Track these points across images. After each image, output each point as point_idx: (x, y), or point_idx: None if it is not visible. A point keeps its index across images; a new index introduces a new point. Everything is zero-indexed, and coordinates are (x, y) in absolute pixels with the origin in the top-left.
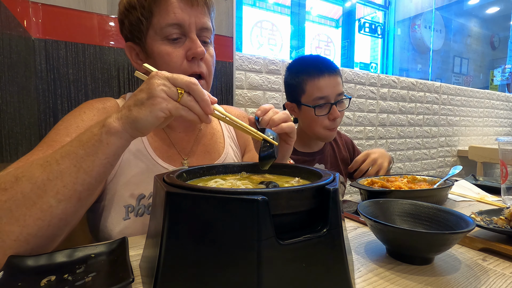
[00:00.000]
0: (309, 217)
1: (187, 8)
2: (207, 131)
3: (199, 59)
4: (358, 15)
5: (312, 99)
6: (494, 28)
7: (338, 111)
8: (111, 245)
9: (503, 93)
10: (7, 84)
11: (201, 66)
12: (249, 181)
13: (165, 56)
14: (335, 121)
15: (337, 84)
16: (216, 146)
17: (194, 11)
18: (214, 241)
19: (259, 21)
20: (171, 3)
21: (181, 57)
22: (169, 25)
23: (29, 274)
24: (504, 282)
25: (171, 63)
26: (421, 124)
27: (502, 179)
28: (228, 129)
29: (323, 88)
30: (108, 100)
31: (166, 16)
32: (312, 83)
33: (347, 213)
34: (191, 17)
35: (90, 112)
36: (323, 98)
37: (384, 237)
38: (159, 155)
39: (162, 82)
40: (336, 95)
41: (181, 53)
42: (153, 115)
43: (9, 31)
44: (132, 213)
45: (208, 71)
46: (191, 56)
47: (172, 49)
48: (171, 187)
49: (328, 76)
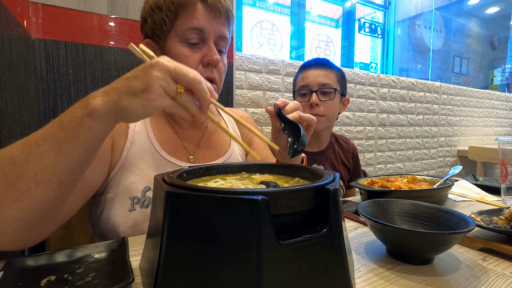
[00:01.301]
0: (309, 217)
1: (210, 17)
2: (213, 128)
3: (213, 66)
4: (358, 15)
5: (298, 88)
6: (494, 28)
7: (317, 98)
8: (111, 245)
9: (503, 93)
10: (7, 84)
11: (214, 73)
12: (249, 181)
13: (182, 58)
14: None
15: (322, 76)
16: (222, 143)
17: (216, 20)
18: (214, 241)
19: (259, 21)
20: (197, 10)
21: (197, 61)
22: (190, 29)
23: (29, 274)
24: (504, 282)
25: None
26: (421, 124)
27: (502, 179)
28: (233, 128)
29: (306, 78)
30: None
31: (190, 21)
32: (301, 75)
33: (347, 213)
34: (212, 25)
35: None
36: (305, 87)
37: (384, 237)
38: (165, 149)
39: (162, 76)
40: (318, 84)
41: (198, 57)
42: (144, 110)
43: (9, 31)
44: (137, 204)
45: (219, 78)
46: (207, 62)
47: (189, 52)
48: (171, 187)
49: (315, 69)
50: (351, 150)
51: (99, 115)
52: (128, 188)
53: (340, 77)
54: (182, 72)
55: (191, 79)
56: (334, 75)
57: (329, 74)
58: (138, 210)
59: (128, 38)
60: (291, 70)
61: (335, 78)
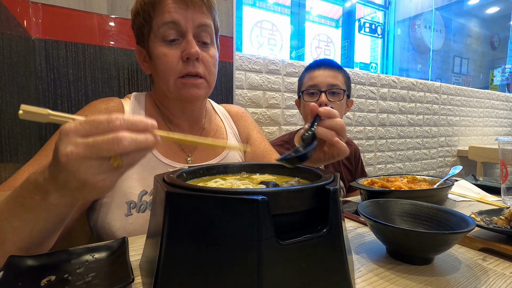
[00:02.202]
0: (309, 217)
1: (182, 8)
2: (210, 127)
3: (195, 60)
4: (358, 15)
5: (305, 87)
6: (494, 28)
7: (326, 98)
8: (111, 245)
9: (503, 93)
10: (7, 84)
11: (197, 67)
12: (249, 181)
13: (162, 57)
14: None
15: (331, 76)
16: None
17: (190, 11)
18: (214, 241)
19: (259, 21)
20: (166, 4)
21: (176, 58)
22: (164, 24)
23: (29, 274)
24: (504, 282)
25: (167, 64)
26: (421, 124)
27: (502, 179)
28: (230, 125)
29: (314, 77)
30: (112, 100)
31: (162, 16)
32: (308, 74)
33: (347, 213)
34: (187, 16)
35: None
36: (314, 86)
37: (384, 237)
38: (162, 152)
39: (86, 164)
40: (327, 85)
41: (177, 54)
42: (101, 193)
43: (9, 31)
44: (134, 209)
45: (207, 71)
46: (185, 56)
47: (168, 50)
48: (171, 187)
49: (324, 69)
50: (353, 151)
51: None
52: (125, 193)
53: (346, 78)
54: (97, 142)
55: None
56: (342, 77)
57: (337, 75)
58: (135, 215)
59: (128, 38)
60: (291, 70)
61: (343, 80)
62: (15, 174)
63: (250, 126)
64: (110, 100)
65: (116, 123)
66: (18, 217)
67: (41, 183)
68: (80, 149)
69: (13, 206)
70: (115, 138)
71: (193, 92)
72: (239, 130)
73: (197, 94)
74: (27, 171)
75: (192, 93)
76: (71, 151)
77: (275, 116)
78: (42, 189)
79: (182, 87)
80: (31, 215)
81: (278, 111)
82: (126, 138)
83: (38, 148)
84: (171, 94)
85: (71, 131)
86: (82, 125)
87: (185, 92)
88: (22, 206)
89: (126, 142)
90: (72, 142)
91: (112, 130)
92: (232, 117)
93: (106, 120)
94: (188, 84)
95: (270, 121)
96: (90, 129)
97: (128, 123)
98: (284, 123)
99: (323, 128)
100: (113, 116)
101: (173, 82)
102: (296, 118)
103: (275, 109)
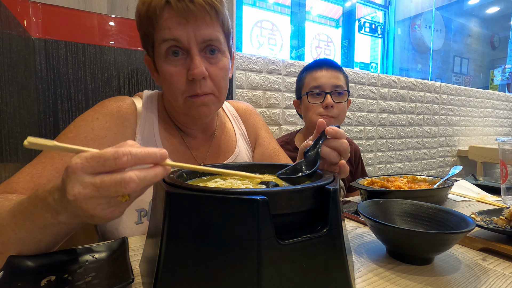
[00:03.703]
0: (309, 217)
1: (182, 23)
2: (220, 131)
3: (202, 79)
4: (358, 15)
5: (308, 88)
6: (494, 28)
7: (332, 100)
8: (111, 245)
9: (503, 93)
10: (7, 84)
11: (204, 86)
12: (249, 181)
13: (168, 77)
14: (328, 109)
15: (334, 77)
16: (229, 145)
17: (191, 24)
18: (214, 241)
19: (259, 21)
20: (165, 19)
21: (182, 77)
22: (164, 41)
23: (29, 274)
24: (504, 282)
25: (172, 85)
26: (421, 124)
27: (502, 179)
28: (239, 125)
29: (318, 78)
30: (124, 100)
31: (162, 32)
32: (310, 75)
33: (347, 213)
34: (189, 32)
35: (103, 118)
36: (318, 87)
37: (384, 237)
38: (174, 160)
39: (94, 202)
40: (331, 85)
41: (183, 72)
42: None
43: (9, 31)
44: (145, 217)
45: (216, 88)
46: (191, 76)
47: (173, 68)
48: (171, 187)
49: (326, 70)
50: (353, 151)
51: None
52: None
53: (346, 79)
54: (104, 183)
55: (116, 183)
56: (343, 77)
57: (339, 75)
58: (146, 224)
59: (128, 37)
60: (291, 70)
61: (344, 80)
62: (16, 175)
63: (259, 125)
64: (122, 100)
65: (123, 160)
66: (26, 230)
67: (51, 204)
68: (88, 190)
69: (21, 220)
70: (123, 181)
71: (202, 111)
72: (248, 130)
73: (206, 112)
74: (30, 173)
75: (201, 112)
76: (79, 192)
77: (275, 116)
78: (52, 209)
79: (191, 106)
80: (40, 229)
81: (278, 111)
82: (134, 180)
83: None
84: (181, 110)
85: (78, 169)
86: (88, 162)
87: (194, 112)
88: (31, 221)
89: (134, 185)
90: (80, 181)
91: (120, 168)
92: (240, 115)
93: (113, 156)
94: (196, 103)
95: (270, 121)
96: (96, 166)
97: (136, 158)
98: (284, 123)
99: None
100: (120, 151)
101: (182, 102)
102: (296, 118)
103: (275, 109)
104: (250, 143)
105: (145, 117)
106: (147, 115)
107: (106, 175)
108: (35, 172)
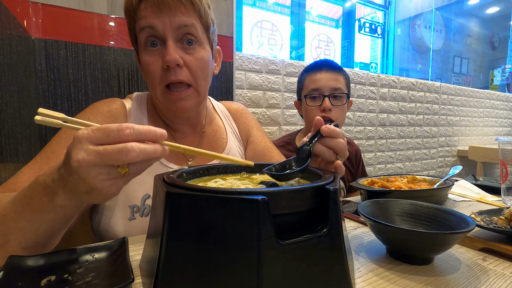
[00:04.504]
0: (309, 217)
1: (156, 12)
2: (211, 129)
3: (176, 67)
4: (358, 15)
5: (307, 91)
6: (494, 28)
7: (329, 103)
8: (111, 245)
9: (503, 93)
10: (7, 84)
11: (179, 73)
12: (249, 181)
13: (145, 66)
14: (326, 112)
15: (333, 80)
16: (220, 142)
17: (166, 13)
18: (214, 241)
19: (259, 21)
20: (142, 9)
21: (158, 66)
22: (142, 30)
23: (29, 274)
24: (504, 282)
25: (150, 73)
26: (421, 124)
27: (502, 179)
28: (230, 124)
29: (317, 81)
30: (114, 101)
31: (139, 22)
32: (310, 77)
33: (347, 213)
34: (163, 19)
35: (93, 118)
36: (317, 90)
37: (384, 237)
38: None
39: (96, 170)
40: (330, 88)
41: (159, 61)
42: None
43: (9, 31)
44: (137, 213)
45: (193, 77)
46: (165, 64)
47: (151, 58)
48: (171, 187)
49: (326, 72)
50: (354, 152)
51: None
52: (128, 197)
53: (347, 80)
54: (107, 150)
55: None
56: (343, 79)
57: (339, 77)
58: (138, 219)
59: (128, 38)
60: (291, 70)
61: (344, 82)
62: (14, 176)
63: (250, 123)
64: (112, 101)
65: (126, 132)
66: (24, 218)
67: (50, 185)
68: (91, 157)
69: (20, 207)
70: (124, 149)
71: (180, 105)
72: (239, 128)
73: (184, 107)
74: (27, 174)
75: (178, 107)
76: (83, 158)
77: (275, 116)
78: (50, 190)
79: (168, 100)
80: (37, 215)
81: (278, 111)
82: (135, 149)
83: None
84: (161, 104)
85: (83, 138)
86: (94, 133)
87: (172, 106)
88: (29, 207)
89: (134, 153)
90: (84, 149)
91: (122, 139)
92: (232, 115)
93: (116, 128)
94: (173, 98)
95: (270, 121)
96: (101, 136)
97: (138, 133)
98: (284, 123)
99: (322, 146)
100: (124, 125)
101: (160, 93)
102: (296, 118)
103: (275, 109)
104: (242, 141)
105: (135, 116)
106: (137, 114)
107: (109, 144)
108: (32, 172)
